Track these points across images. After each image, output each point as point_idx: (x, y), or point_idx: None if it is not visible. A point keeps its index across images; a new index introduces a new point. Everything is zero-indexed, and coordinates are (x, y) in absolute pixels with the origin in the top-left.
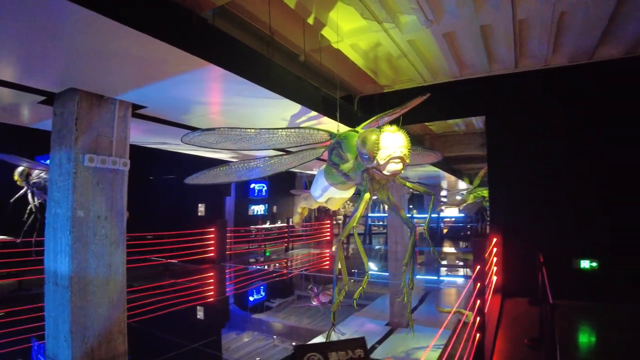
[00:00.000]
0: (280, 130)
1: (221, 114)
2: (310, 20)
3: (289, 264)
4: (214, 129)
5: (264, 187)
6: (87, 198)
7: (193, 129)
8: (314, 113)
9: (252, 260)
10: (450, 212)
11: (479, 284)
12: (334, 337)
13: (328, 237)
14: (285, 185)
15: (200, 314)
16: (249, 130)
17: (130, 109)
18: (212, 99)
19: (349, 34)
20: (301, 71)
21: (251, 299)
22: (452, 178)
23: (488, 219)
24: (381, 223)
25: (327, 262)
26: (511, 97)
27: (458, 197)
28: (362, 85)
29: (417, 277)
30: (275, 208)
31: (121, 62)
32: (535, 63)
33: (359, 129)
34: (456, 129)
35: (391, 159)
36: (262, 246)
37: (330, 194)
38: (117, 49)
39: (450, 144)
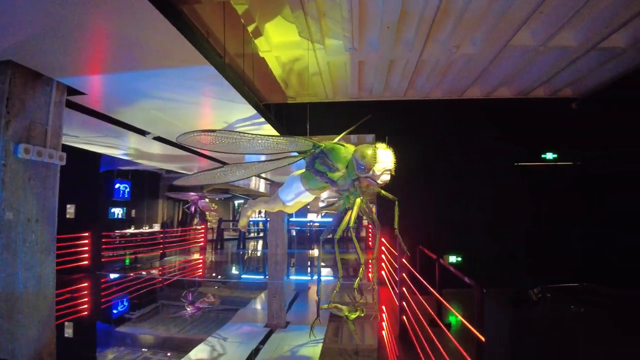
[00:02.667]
0: (273, 137)
1: (162, 110)
2: (250, 28)
3: (165, 271)
4: (213, 131)
5: (127, 187)
6: (18, 197)
7: (125, 125)
8: (250, 118)
9: (117, 268)
10: (314, 217)
11: (403, 283)
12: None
13: (202, 243)
14: (147, 188)
15: (69, 332)
16: (246, 135)
17: (65, 94)
18: (160, 93)
19: (278, 46)
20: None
21: (116, 310)
22: None
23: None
24: (256, 227)
25: (201, 269)
26: (397, 119)
27: (341, 202)
28: (271, 94)
29: (291, 277)
30: (134, 212)
31: (71, 35)
32: (419, 94)
33: (336, 142)
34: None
35: (385, 171)
36: (125, 253)
37: (301, 199)
38: (69, 17)
39: None
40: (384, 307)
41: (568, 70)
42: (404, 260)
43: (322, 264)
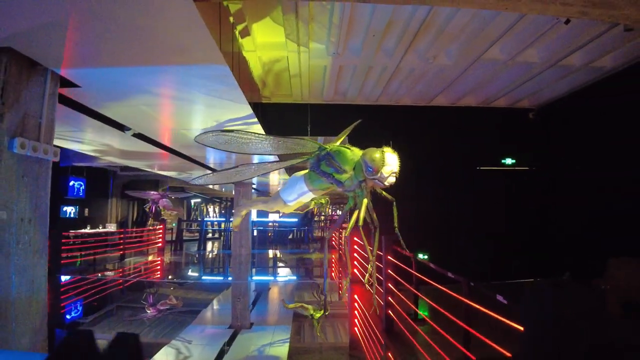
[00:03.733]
0: (282, 138)
1: (153, 106)
2: (240, 27)
3: (126, 273)
4: (231, 131)
5: (81, 185)
6: (11, 195)
7: (107, 120)
8: (243, 118)
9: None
10: (274, 217)
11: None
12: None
13: (160, 244)
14: (99, 186)
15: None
16: (260, 135)
17: (58, 86)
18: (159, 89)
19: (262, 46)
20: None
21: (69, 316)
22: None
23: (316, 223)
24: (216, 227)
25: (159, 270)
26: (366, 124)
27: (311, 203)
28: (247, 92)
29: (254, 278)
30: (87, 211)
31: (80, 23)
32: (389, 100)
33: (341, 145)
34: None
35: (392, 173)
36: (79, 255)
37: (302, 199)
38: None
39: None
40: (356, 305)
41: (528, 83)
42: (389, 257)
43: (281, 264)
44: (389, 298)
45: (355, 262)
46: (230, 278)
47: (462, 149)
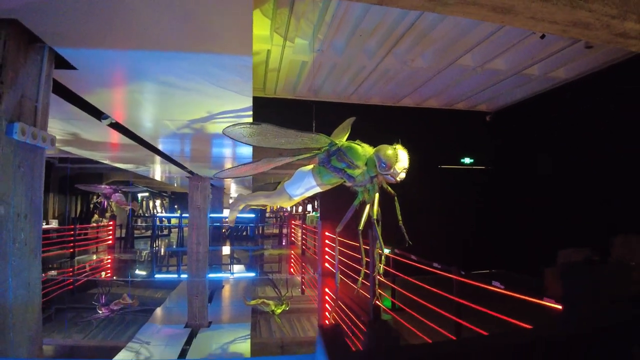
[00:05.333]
0: (299, 133)
1: (149, 93)
2: None
3: (76, 272)
4: (259, 124)
5: None
6: (8, 187)
7: (85, 107)
8: (238, 111)
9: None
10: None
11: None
12: None
13: (110, 242)
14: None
15: None
16: (284, 129)
17: (53, 67)
18: (165, 77)
19: None
20: None
21: None
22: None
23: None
24: (167, 223)
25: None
26: (333, 120)
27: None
28: None
29: (209, 275)
30: None
31: None
32: (360, 99)
33: (352, 141)
34: None
35: (403, 169)
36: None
37: (308, 193)
38: None
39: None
40: (327, 298)
41: (489, 89)
42: (379, 251)
43: (230, 261)
44: (377, 290)
45: (326, 257)
46: (184, 276)
47: (424, 148)
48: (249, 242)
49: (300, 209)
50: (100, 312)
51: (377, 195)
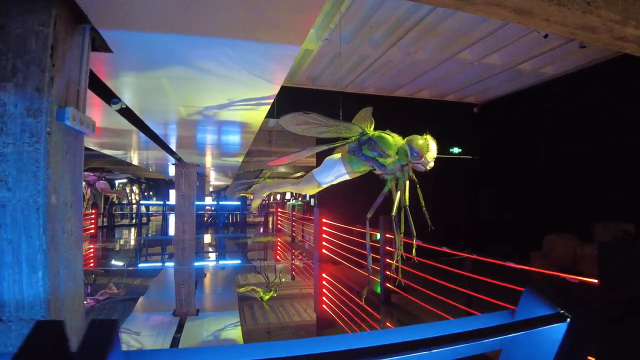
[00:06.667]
0: (341, 122)
1: (175, 79)
2: None
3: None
4: (309, 113)
5: None
6: (58, 175)
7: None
8: (258, 99)
9: None
10: (208, 201)
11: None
12: None
13: (92, 231)
14: None
15: None
16: (328, 119)
17: (90, 49)
18: (201, 63)
19: None
20: None
21: None
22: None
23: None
24: (152, 212)
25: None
26: (333, 109)
27: (255, 186)
28: None
29: (196, 263)
30: None
31: None
32: (355, 88)
33: (382, 131)
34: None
35: (433, 158)
36: None
37: (337, 180)
38: None
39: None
40: (324, 282)
41: (481, 82)
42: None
43: (211, 249)
44: (387, 272)
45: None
46: (168, 264)
47: None
48: (234, 230)
49: (279, 197)
50: (85, 302)
51: (408, 183)
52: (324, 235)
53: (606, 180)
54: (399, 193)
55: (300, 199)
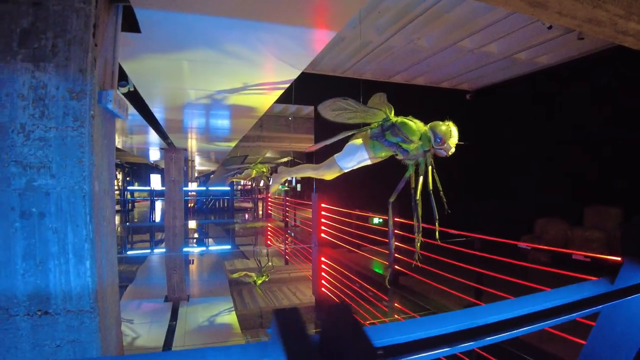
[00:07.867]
0: (369, 108)
1: (197, 62)
2: None
3: None
4: (346, 98)
5: None
6: (100, 161)
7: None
8: (276, 84)
9: None
10: (193, 187)
11: None
12: None
13: None
14: None
15: None
16: (358, 105)
17: (121, 29)
18: (228, 46)
19: None
20: None
21: None
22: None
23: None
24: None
25: None
26: (331, 94)
27: (250, 171)
28: None
29: (185, 249)
30: None
31: None
32: (354, 73)
33: (404, 117)
34: None
35: (455, 144)
36: None
37: (358, 165)
38: None
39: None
40: (323, 266)
41: (475, 70)
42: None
43: (196, 235)
44: (395, 255)
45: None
46: (157, 250)
47: None
48: (222, 216)
49: (262, 182)
50: None
51: (430, 167)
52: (323, 220)
53: (596, 167)
54: (421, 178)
55: (286, 184)
